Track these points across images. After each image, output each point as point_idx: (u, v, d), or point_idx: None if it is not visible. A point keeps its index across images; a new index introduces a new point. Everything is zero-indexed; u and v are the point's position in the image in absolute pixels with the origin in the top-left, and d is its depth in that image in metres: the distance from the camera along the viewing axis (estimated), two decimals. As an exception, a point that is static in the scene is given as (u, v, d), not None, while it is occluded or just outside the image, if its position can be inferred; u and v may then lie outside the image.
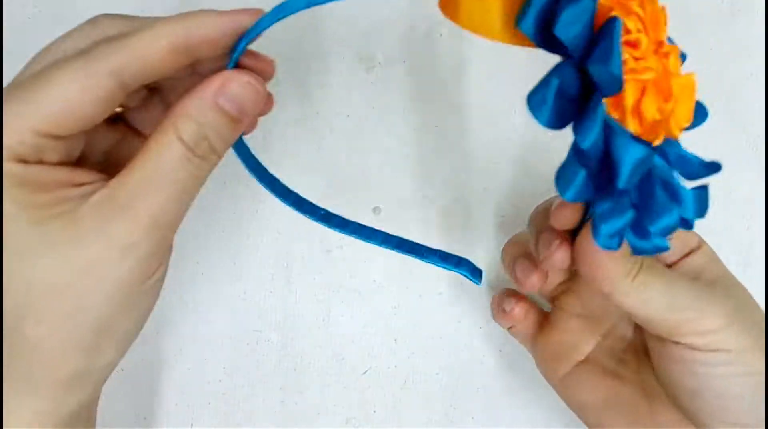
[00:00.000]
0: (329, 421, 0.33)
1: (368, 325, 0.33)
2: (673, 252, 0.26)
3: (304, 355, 0.33)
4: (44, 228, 0.20)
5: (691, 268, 0.26)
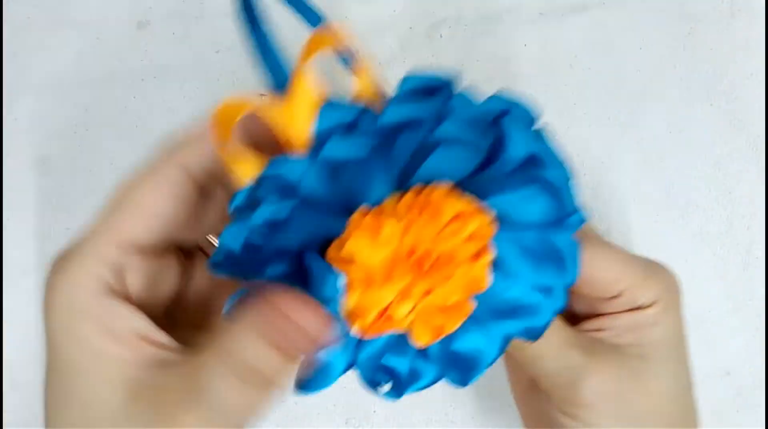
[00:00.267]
0: (329, 421, 0.33)
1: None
2: (621, 304, 0.24)
3: (304, 355, 0.33)
4: (107, 390, 0.18)
5: (623, 324, 0.24)
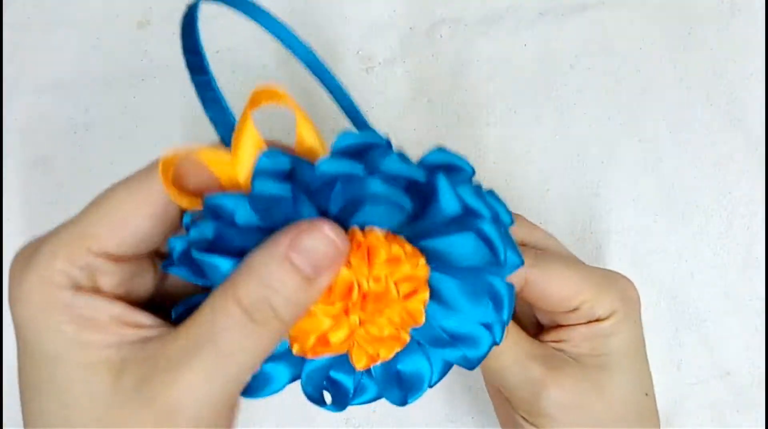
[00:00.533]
0: (328, 421, 0.33)
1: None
2: (580, 317, 0.26)
3: (304, 355, 0.33)
4: (87, 375, 0.19)
5: (581, 335, 0.26)
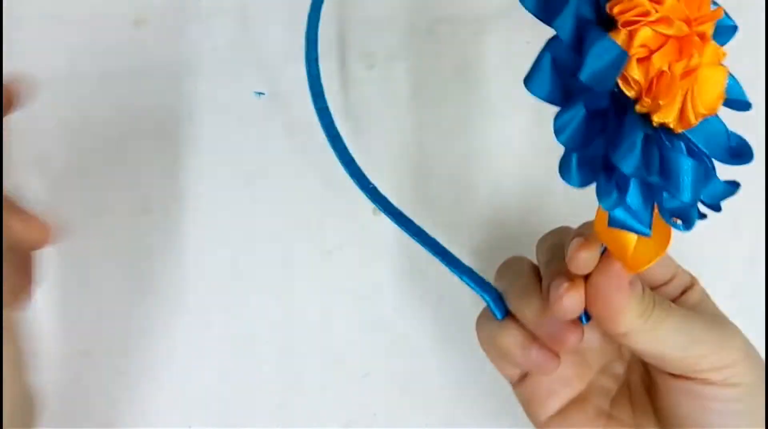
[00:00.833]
0: (329, 424, 0.33)
1: (368, 327, 0.33)
2: (670, 291, 0.26)
3: (304, 357, 0.33)
4: None
5: (689, 306, 0.26)
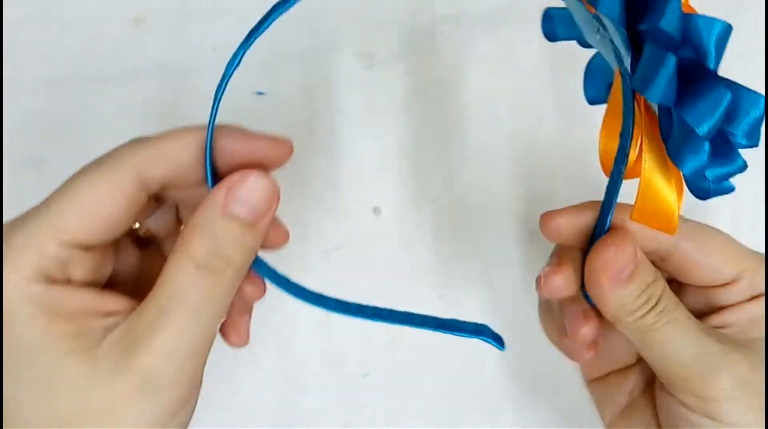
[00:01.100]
0: (329, 424, 0.32)
1: (368, 328, 0.33)
2: (742, 291, 0.24)
3: (304, 358, 0.33)
4: (64, 363, 0.19)
5: (748, 316, 0.24)
